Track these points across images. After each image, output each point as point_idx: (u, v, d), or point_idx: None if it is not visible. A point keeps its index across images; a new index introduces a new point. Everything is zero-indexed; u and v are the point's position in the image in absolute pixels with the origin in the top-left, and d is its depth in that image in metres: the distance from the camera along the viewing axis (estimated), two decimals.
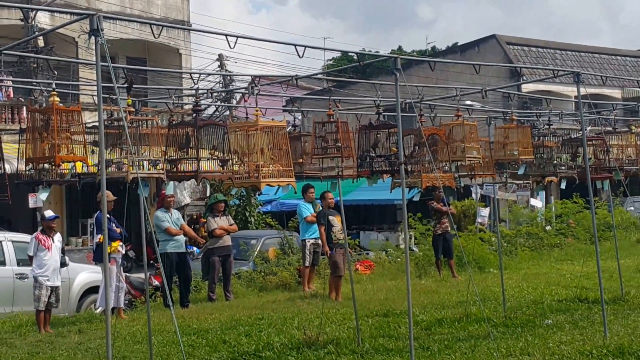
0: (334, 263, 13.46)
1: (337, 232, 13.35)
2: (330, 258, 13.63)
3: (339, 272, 13.43)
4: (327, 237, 13.52)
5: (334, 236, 13.34)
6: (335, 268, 13.49)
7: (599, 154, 13.21)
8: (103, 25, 6.85)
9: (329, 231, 13.45)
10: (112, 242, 12.50)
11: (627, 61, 44.08)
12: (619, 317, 11.22)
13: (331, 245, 13.49)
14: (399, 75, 8.69)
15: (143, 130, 9.99)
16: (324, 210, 13.69)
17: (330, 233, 13.45)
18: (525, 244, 22.18)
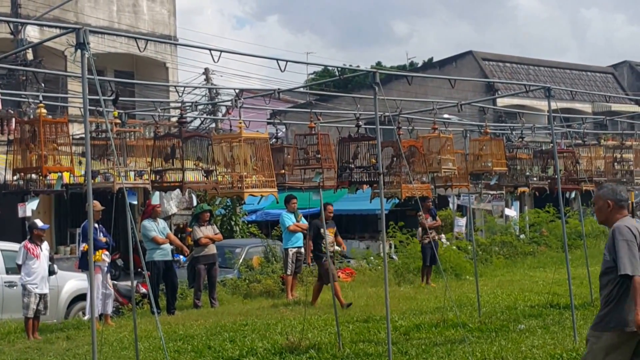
0: (326, 271, 13.46)
1: (328, 244, 13.37)
2: (321, 267, 13.81)
3: (334, 278, 13.28)
4: (317, 247, 13.74)
5: (324, 248, 13.35)
6: (325, 276, 13.56)
7: (569, 165, 13.51)
8: (89, 39, 6.93)
9: (320, 242, 13.61)
10: (97, 251, 12.73)
11: (596, 77, 44.81)
12: (588, 321, 11.28)
13: (320, 255, 13.65)
14: (377, 89, 8.93)
15: (129, 141, 10.11)
16: (316, 222, 13.75)
17: (320, 244, 13.60)
18: (500, 252, 22.54)
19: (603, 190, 6.44)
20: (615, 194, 6.33)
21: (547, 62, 43.85)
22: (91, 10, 26.35)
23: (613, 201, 6.31)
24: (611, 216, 6.33)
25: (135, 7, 28.08)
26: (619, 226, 6.15)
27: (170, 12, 29.20)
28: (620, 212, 6.31)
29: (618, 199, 6.31)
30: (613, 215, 6.31)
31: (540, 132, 17.37)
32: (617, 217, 6.29)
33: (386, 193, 10.11)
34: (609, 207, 6.32)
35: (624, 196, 6.35)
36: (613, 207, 6.31)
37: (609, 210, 6.33)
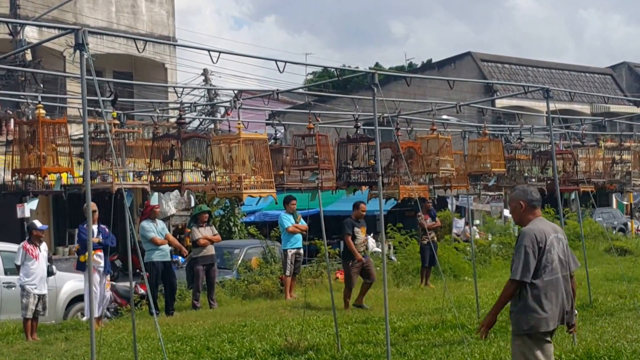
0: (349, 275, 13.36)
1: (359, 244, 13.29)
2: (347, 270, 13.51)
3: (350, 284, 13.39)
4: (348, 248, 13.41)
5: (356, 246, 13.26)
6: (348, 281, 13.41)
7: (568, 167, 13.52)
8: (88, 40, 6.94)
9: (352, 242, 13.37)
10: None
11: (595, 78, 44.93)
12: (587, 323, 11.42)
13: (349, 256, 13.38)
14: (376, 90, 8.96)
15: (128, 142, 10.11)
16: (350, 221, 13.61)
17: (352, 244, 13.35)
18: (499, 253, 22.55)
19: (515, 191, 6.62)
20: (527, 194, 6.47)
21: (545, 63, 43.98)
22: (90, 11, 26.35)
23: (525, 202, 6.44)
24: (524, 216, 6.46)
25: (134, 8, 28.09)
26: (524, 231, 6.33)
27: (169, 13, 29.21)
28: (532, 212, 6.43)
29: (529, 199, 6.44)
30: (526, 216, 6.44)
31: (538, 133, 17.38)
32: (530, 217, 6.42)
33: (384, 194, 10.11)
34: (521, 208, 6.46)
35: (536, 197, 6.48)
36: (525, 208, 6.44)
37: (522, 211, 6.46)
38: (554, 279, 6.23)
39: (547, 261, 6.22)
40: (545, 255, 6.22)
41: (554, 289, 6.23)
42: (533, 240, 6.20)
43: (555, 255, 6.28)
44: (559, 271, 6.29)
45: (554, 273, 6.24)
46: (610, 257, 21.10)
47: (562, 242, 6.43)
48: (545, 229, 6.31)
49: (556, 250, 6.31)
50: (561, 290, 6.29)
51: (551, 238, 6.30)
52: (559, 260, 6.31)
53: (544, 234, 6.25)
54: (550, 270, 6.22)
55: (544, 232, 6.28)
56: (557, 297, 6.24)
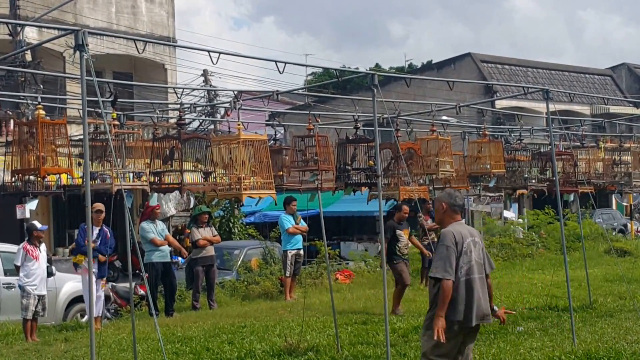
0: (399, 273, 13.11)
1: (402, 246, 13.09)
2: (395, 269, 13.22)
3: (404, 281, 13.17)
4: (391, 250, 13.09)
5: (399, 250, 13.06)
6: (400, 277, 13.18)
7: (568, 167, 13.53)
8: (88, 41, 6.93)
9: (395, 245, 13.10)
10: (80, 254, 12.76)
11: (595, 79, 44.98)
12: (587, 324, 11.47)
13: (394, 258, 13.11)
14: (376, 91, 8.97)
15: (128, 143, 10.11)
16: (392, 223, 13.32)
17: (395, 246, 13.12)
18: (499, 254, 22.55)
19: (443, 193, 6.92)
20: (451, 198, 6.76)
21: (545, 64, 44.02)
22: (90, 11, 26.37)
23: (447, 204, 6.72)
24: (444, 218, 6.74)
25: (134, 9, 28.10)
26: (444, 232, 6.61)
27: (169, 14, 29.23)
28: (453, 216, 6.72)
29: (452, 203, 6.73)
30: (446, 218, 6.72)
31: (538, 134, 17.39)
32: (450, 220, 6.70)
33: (384, 195, 10.12)
34: (443, 210, 6.75)
35: (459, 202, 6.75)
36: (446, 210, 6.73)
37: (443, 212, 6.75)
38: (470, 279, 6.53)
39: (463, 262, 6.50)
40: (462, 257, 6.50)
41: (469, 289, 6.51)
42: (452, 241, 6.48)
43: (471, 257, 6.58)
44: (475, 273, 6.58)
45: (469, 274, 6.54)
46: (610, 258, 21.11)
47: (478, 245, 6.72)
48: (462, 232, 6.60)
49: (473, 253, 6.59)
50: (477, 290, 6.58)
51: (468, 241, 6.59)
52: (476, 262, 6.61)
53: (461, 236, 6.54)
54: (466, 271, 6.52)
55: (462, 234, 6.57)
56: (473, 297, 6.52)
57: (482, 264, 6.73)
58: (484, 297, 6.64)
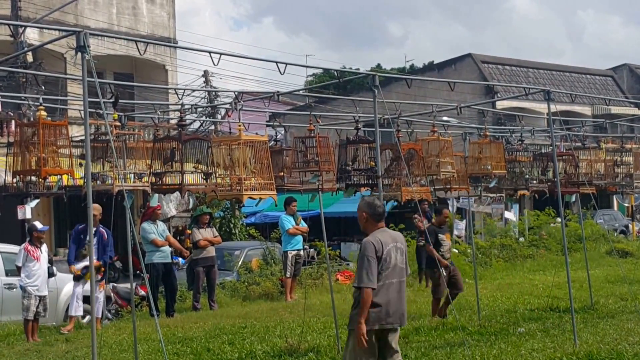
0: (437, 284, 12.55)
1: (445, 251, 12.66)
2: (434, 279, 12.66)
3: (438, 294, 12.53)
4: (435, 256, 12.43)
5: (442, 256, 12.53)
6: (436, 289, 12.57)
7: (569, 168, 13.52)
8: (89, 42, 6.96)
9: (437, 250, 12.51)
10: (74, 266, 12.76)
11: (596, 80, 44.97)
12: (588, 325, 11.48)
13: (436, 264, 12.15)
14: (377, 92, 8.99)
15: (129, 144, 10.10)
16: (433, 227, 12.93)
17: (438, 252, 12.50)
18: (500, 255, 22.57)
19: (363, 202, 7.09)
20: (371, 207, 6.97)
21: (546, 65, 44.01)
22: (91, 12, 26.40)
23: (368, 214, 6.95)
24: (367, 227, 6.97)
25: (134, 10, 28.12)
26: (364, 242, 6.84)
27: (170, 15, 29.26)
28: (375, 224, 6.94)
29: (372, 212, 6.95)
30: (368, 226, 6.95)
31: (539, 134, 17.38)
32: (372, 228, 6.92)
33: (385, 196, 10.11)
34: (364, 219, 6.97)
35: (379, 211, 6.97)
36: (368, 219, 6.96)
37: (365, 221, 6.98)
38: (389, 283, 6.81)
39: (382, 268, 6.76)
40: (382, 262, 6.75)
41: (388, 292, 6.80)
42: (372, 250, 6.71)
43: (392, 262, 6.83)
44: (396, 277, 6.88)
45: (389, 278, 6.80)
46: (611, 259, 21.13)
47: (400, 251, 6.98)
48: (383, 239, 6.83)
49: (393, 258, 6.85)
50: (396, 293, 6.89)
51: (389, 247, 6.84)
52: (396, 267, 6.88)
53: (381, 244, 6.77)
54: (386, 276, 6.77)
55: (382, 242, 6.80)
56: (392, 299, 6.82)
57: (403, 269, 7.02)
58: (401, 300, 6.95)
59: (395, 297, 6.88)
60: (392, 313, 6.85)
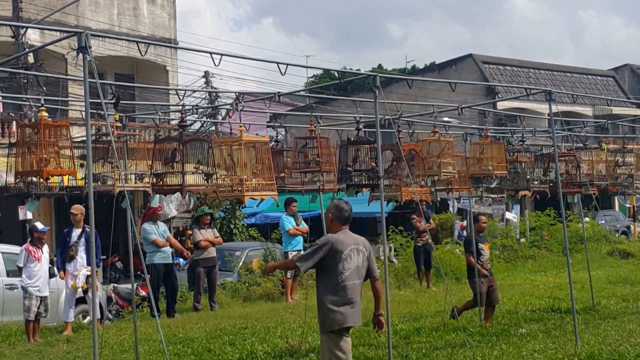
0: (475, 294, 12.08)
1: (485, 261, 12.13)
2: (475, 288, 12.10)
3: (476, 303, 12.13)
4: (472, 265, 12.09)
5: (482, 266, 12.02)
6: (475, 298, 12.12)
7: (571, 169, 13.50)
8: (91, 43, 6.99)
9: (477, 260, 12.02)
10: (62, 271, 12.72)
11: (597, 80, 44.93)
12: (590, 326, 11.49)
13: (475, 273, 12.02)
14: (378, 93, 8.99)
15: (130, 144, 10.10)
16: (473, 237, 12.33)
17: (477, 262, 12.02)
18: (500, 256, 22.56)
19: (332, 204, 7.40)
20: (338, 210, 7.28)
21: (547, 65, 43.96)
22: (92, 13, 26.40)
23: (334, 215, 7.27)
24: (331, 227, 7.31)
25: (135, 11, 28.13)
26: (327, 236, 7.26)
27: (171, 16, 29.27)
28: (339, 227, 7.25)
29: (338, 215, 7.27)
30: (332, 227, 7.29)
31: (540, 135, 17.36)
32: (336, 230, 7.24)
33: (385, 196, 10.11)
34: (330, 220, 7.31)
35: (345, 215, 7.27)
36: (333, 220, 7.28)
37: (330, 222, 7.31)
38: (352, 285, 7.07)
39: (343, 268, 7.03)
40: (342, 262, 7.04)
41: (350, 293, 7.06)
42: (329, 246, 7.06)
43: (352, 263, 7.11)
44: (357, 278, 7.14)
45: (350, 279, 7.06)
46: (613, 260, 21.12)
47: (362, 254, 7.24)
48: (345, 241, 7.13)
49: (354, 259, 7.14)
50: (357, 295, 7.15)
51: (350, 248, 7.14)
52: (356, 268, 7.14)
53: (343, 244, 7.07)
54: (347, 277, 7.04)
55: (344, 242, 7.10)
56: (355, 300, 7.10)
57: (363, 271, 7.26)
58: (358, 302, 7.17)
59: (357, 299, 7.14)
60: (356, 313, 7.15)
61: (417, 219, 17.62)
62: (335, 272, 7.05)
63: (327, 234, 7.29)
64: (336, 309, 7.02)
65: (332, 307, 7.02)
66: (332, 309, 7.02)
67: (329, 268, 7.09)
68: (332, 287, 7.05)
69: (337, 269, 7.04)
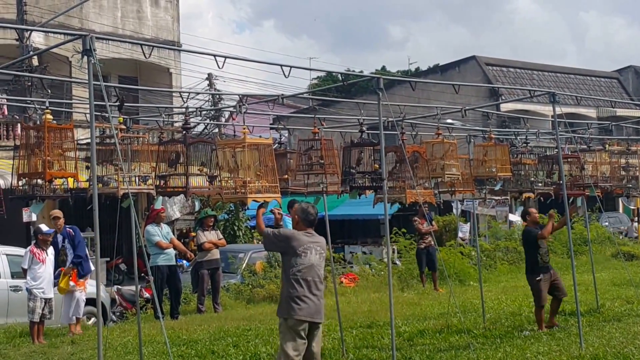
0: (537, 292, 11.58)
1: (543, 254, 11.66)
2: (534, 287, 11.63)
3: (540, 301, 11.59)
4: (533, 260, 11.68)
5: (540, 259, 11.58)
6: (538, 297, 11.62)
7: (575, 171, 13.49)
8: (95, 46, 7.00)
9: (536, 253, 11.61)
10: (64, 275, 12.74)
11: (601, 82, 44.87)
12: (594, 328, 11.45)
13: (537, 270, 11.58)
14: (381, 95, 9.01)
15: (134, 147, 10.13)
16: (532, 230, 11.89)
17: (536, 255, 11.60)
18: (504, 258, 22.56)
19: (300, 206, 7.86)
20: (304, 213, 7.75)
21: (551, 67, 43.91)
22: (96, 16, 26.46)
23: (300, 218, 7.73)
24: (296, 228, 7.78)
25: (139, 13, 28.19)
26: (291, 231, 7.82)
27: (174, 18, 29.33)
28: (304, 228, 7.71)
29: (303, 217, 7.73)
30: (297, 228, 7.75)
31: (544, 137, 17.35)
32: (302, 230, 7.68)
33: (389, 198, 10.11)
34: (296, 221, 7.78)
35: (310, 218, 7.74)
36: (299, 222, 7.76)
37: (296, 223, 7.79)
38: (310, 281, 7.53)
39: (299, 263, 7.49)
40: (299, 257, 7.49)
41: (309, 288, 7.53)
42: (292, 236, 7.61)
43: (309, 259, 7.56)
44: (315, 276, 7.59)
45: (307, 275, 7.51)
46: (617, 262, 21.09)
47: (320, 255, 7.72)
48: (304, 239, 7.59)
49: (312, 256, 7.59)
50: (317, 291, 7.62)
51: (309, 245, 7.60)
52: (313, 266, 7.58)
53: (300, 242, 7.53)
54: (304, 272, 7.49)
55: (302, 240, 7.56)
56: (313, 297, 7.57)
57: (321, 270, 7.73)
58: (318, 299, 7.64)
59: (317, 295, 7.61)
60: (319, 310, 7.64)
61: (419, 221, 17.63)
62: (289, 264, 7.53)
63: (291, 231, 7.83)
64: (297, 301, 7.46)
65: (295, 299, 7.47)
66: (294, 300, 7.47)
67: (286, 260, 7.60)
68: (287, 278, 7.51)
69: (291, 262, 7.51)
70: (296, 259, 7.52)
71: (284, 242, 7.62)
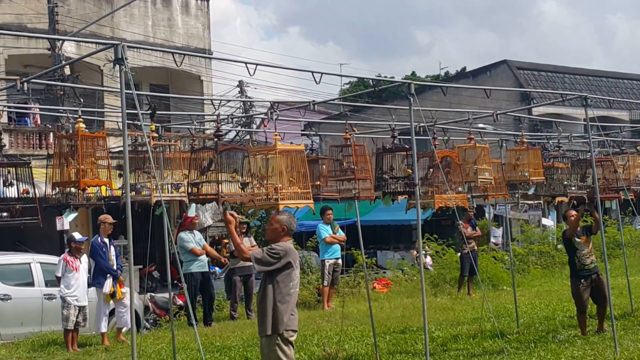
0: (574, 297, 11.39)
1: (581, 256, 11.17)
2: (571, 289, 11.50)
3: (581, 307, 11.28)
4: (572, 263, 11.38)
5: (578, 261, 11.19)
6: (575, 302, 11.44)
7: (608, 174, 13.38)
8: (127, 54, 7.03)
9: (573, 256, 11.29)
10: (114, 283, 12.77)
11: (633, 84, 44.37)
12: (628, 332, 11.34)
13: (574, 272, 11.29)
14: (412, 100, 9.00)
15: (166, 154, 10.20)
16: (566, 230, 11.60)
17: (574, 258, 11.30)
18: (537, 262, 22.41)
19: (283, 216, 7.79)
20: (290, 224, 7.71)
21: (582, 70, 43.58)
22: (127, 25, 26.69)
23: (287, 228, 7.65)
24: (280, 237, 7.60)
25: (170, 22, 28.40)
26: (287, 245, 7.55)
27: (205, 26, 29.50)
28: (288, 238, 7.67)
29: (289, 227, 7.68)
30: (281, 237, 7.59)
31: (577, 140, 17.22)
32: (284, 240, 7.58)
33: (422, 203, 10.09)
34: (281, 230, 7.62)
35: (293, 228, 7.75)
36: (284, 231, 7.64)
37: (280, 232, 7.62)
38: (295, 293, 7.47)
39: (295, 276, 7.41)
40: (295, 271, 7.43)
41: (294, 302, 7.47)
42: (288, 253, 7.37)
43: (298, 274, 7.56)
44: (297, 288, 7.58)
45: (295, 287, 7.46)
46: None
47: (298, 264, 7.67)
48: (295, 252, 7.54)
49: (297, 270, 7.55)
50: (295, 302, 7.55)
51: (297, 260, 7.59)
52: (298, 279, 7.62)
53: (295, 256, 7.49)
54: (294, 285, 7.42)
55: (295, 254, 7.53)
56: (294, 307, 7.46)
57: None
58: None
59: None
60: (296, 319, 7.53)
61: (463, 225, 17.51)
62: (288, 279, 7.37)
63: (285, 245, 7.46)
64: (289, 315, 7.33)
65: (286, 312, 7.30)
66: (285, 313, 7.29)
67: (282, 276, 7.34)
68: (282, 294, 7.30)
69: (291, 276, 7.39)
70: (294, 272, 7.41)
71: (284, 259, 7.33)
